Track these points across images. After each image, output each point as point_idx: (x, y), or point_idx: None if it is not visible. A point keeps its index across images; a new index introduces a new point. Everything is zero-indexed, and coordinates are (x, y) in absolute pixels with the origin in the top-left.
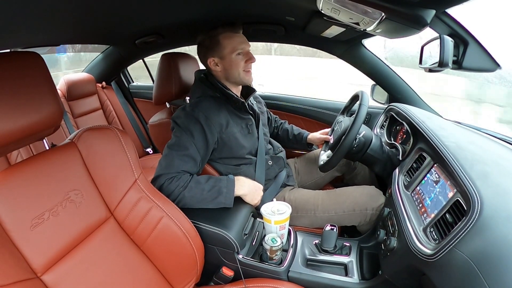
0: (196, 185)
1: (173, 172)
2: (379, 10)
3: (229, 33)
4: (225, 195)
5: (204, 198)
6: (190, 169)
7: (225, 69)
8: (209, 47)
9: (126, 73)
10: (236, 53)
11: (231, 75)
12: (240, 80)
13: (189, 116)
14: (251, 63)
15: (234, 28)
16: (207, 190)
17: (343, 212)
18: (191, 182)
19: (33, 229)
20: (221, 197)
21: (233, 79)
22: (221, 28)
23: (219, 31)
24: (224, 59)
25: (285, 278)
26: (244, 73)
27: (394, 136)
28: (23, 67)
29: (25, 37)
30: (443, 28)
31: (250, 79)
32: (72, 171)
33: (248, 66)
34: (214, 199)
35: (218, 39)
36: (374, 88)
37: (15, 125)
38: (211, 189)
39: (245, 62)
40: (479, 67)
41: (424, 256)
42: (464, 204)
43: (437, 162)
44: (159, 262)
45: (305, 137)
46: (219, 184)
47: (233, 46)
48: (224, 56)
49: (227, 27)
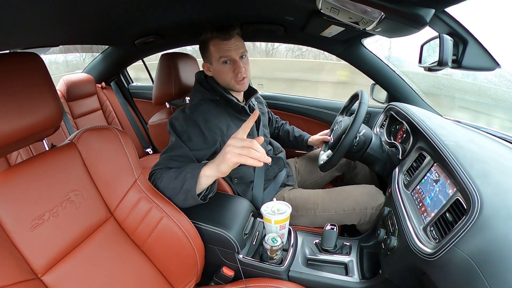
0: (167, 174)
1: (158, 168)
2: (378, 10)
3: (217, 40)
4: (189, 181)
5: (173, 187)
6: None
7: (215, 75)
8: (202, 52)
9: (125, 73)
10: (222, 61)
11: (221, 82)
12: (231, 88)
13: (187, 118)
14: (239, 73)
15: (224, 34)
16: (173, 177)
17: (343, 211)
18: (165, 172)
19: (34, 230)
20: (186, 184)
21: (225, 86)
22: (210, 34)
23: (209, 37)
24: (213, 66)
25: (285, 278)
26: (235, 82)
27: (393, 135)
28: (22, 68)
29: (25, 38)
30: (443, 27)
31: (241, 87)
32: (72, 171)
33: (237, 76)
34: (181, 188)
35: (208, 44)
36: (374, 87)
37: (15, 126)
38: (177, 176)
39: (233, 72)
40: (478, 66)
41: (424, 255)
42: (464, 203)
43: (437, 161)
44: (160, 262)
45: (305, 139)
46: (186, 169)
47: (219, 54)
48: (212, 63)
49: (216, 32)
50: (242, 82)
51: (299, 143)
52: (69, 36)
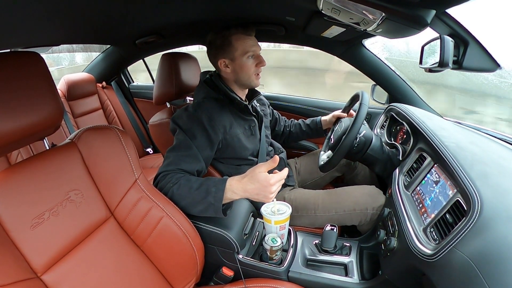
0: (186, 183)
1: (170, 170)
2: (379, 10)
3: (241, 35)
4: (213, 194)
5: (192, 198)
6: (190, 168)
7: (235, 71)
8: (220, 48)
9: (126, 73)
10: (247, 56)
11: (241, 77)
12: (250, 84)
13: (191, 117)
14: (262, 66)
15: (246, 30)
16: (195, 188)
17: (344, 212)
18: (182, 179)
19: (33, 229)
20: (209, 197)
21: (242, 82)
22: (233, 29)
23: (232, 32)
24: (235, 61)
25: (285, 278)
26: (255, 76)
27: (394, 136)
28: (23, 67)
29: (25, 37)
30: (444, 28)
31: (258, 82)
32: (72, 171)
33: (258, 69)
34: (202, 199)
35: (230, 40)
36: (374, 88)
37: (15, 125)
38: (199, 187)
39: (256, 66)
40: (479, 67)
41: (424, 256)
42: (464, 204)
43: (437, 162)
44: (159, 262)
45: (319, 122)
46: (208, 183)
47: (244, 48)
48: (235, 58)
49: (239, 28)
50: (259, 77)
51: (313, 131)
52: (70, 36)
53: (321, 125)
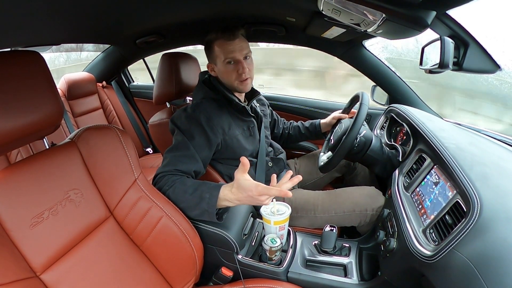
0: (180, 186)
1: (167, 171)
2: (380, 11)
3: (221, 41)
4: (207, 201)
5: (187, 202)
6: (187, 169)
7: (220, 76)
8: (207, 52)
9: (126, 72)
10: (226, 61)
11: (226, 83)
12: (234, 89)
13: (190, 117)
14: (243, 73)
15: (228, 35)
16: (189, 192)
17: (343, 213)
18: (177, 182)
19: (33, 228)
20: (203, 203)
21: (228, 87)
22: (215, 34)
23: (213, 37)
24: (218, 66)
25: (284, 279)
26: (238, 82)
27: (394, 137)
28: (23, 66)
29: (26, 36)
30: (444, 29)
31: (245, 88)
32: (72, 170)
33: (241, 76)
34: (196, 205)
35: (213, 45)
36: (374, 89)
37: (15, 124)
38: (193, 192)
39: (237, 72)
40: (479, 69)
41: (423, 257)
42: (463, 205)
43: (437, 163)
44: (159, 262)
45: (317, 125)
46: (202, 188)
47: (223, 55)
48: (217, 64)
49: (221, 33)
50: (245, 82)
51: (312, 134)
52: (70, 35)
53: (320, 128)
